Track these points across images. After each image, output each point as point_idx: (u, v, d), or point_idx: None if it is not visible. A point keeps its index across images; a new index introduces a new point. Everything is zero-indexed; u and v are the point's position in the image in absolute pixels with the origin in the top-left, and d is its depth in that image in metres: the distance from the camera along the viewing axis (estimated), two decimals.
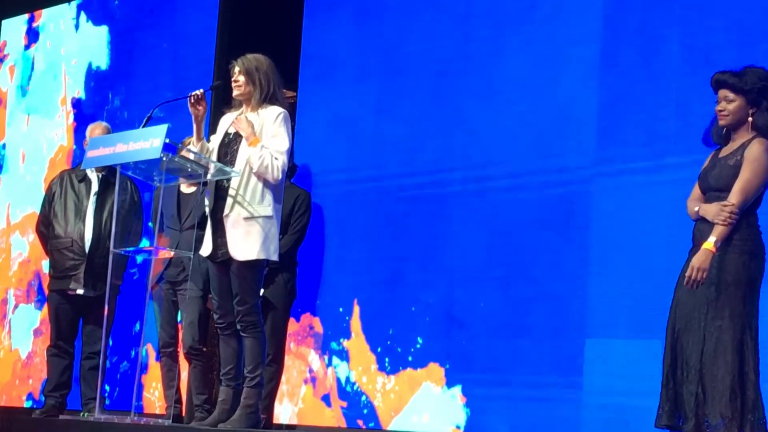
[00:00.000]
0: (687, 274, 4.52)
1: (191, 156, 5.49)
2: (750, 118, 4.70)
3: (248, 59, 5.54)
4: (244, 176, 5.37)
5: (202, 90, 5.52)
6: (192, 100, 5.50)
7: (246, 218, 5.36)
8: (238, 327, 5.44)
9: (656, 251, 5.75)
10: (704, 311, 4.54)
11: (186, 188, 6.57)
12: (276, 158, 5.37)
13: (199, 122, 5.53)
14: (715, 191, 4.66)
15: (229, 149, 5.50)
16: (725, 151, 4.74)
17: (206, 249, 5.49)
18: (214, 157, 5.51)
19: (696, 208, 4.68)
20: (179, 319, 6.62)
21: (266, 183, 5.39)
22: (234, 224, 5.37)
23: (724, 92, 4.71)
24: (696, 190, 4.80)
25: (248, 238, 5.35)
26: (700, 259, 4.50)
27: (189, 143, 5.78)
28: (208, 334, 6.58)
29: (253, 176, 5.38)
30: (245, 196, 5.37)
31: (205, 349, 6.48)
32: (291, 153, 5.90)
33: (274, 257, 5.47)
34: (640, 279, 5.82)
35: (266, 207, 5.39)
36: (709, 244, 4.51)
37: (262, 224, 5.37)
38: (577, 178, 6.21)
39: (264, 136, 5.41)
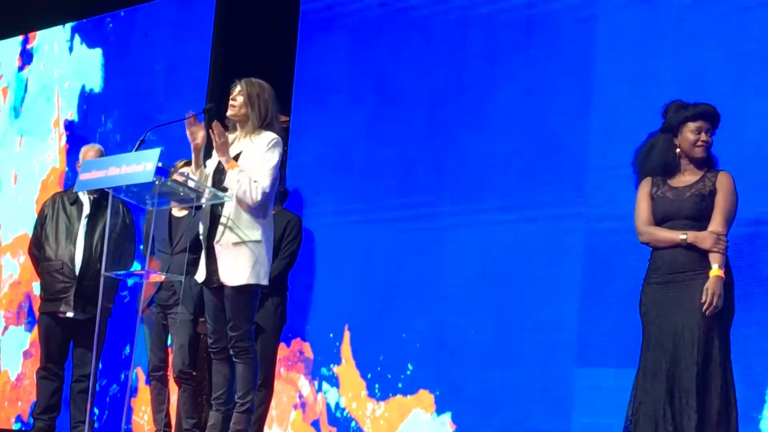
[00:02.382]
0: (709, 302, 4.66)
1: (183, 179, 5.48)
2: None
3: (252, 83, 5.53)
4: (233, 201, 5.36)
5: (193, 113, 5.51)
6: (187, 126, 5.49)
7: (235, 243, 5.34)
8: (231, 352, 5.41)
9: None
10: (696, 335, 4.67)
11: (177, 212, 6.57)
12: (255, 181, 5.34)
13: (197, 151, 5.52)
14: (684, 219, 4.82)
15: (222, 175, 5.47)
16: (680, 182, 4.91)
17: (201, 275, 5.47)
18: (209, 182, 5.50)
19: (683, 236, 4.77)
20: (169, 342, 6.61)
21: (254, 207, 5.37)
22: (224, 250, 5.35)
23: (706, 125, 4.89)
24: (647, 215, 4.90)
25: (237, 263, 5.33)
26: (717, 286, 4.68)
27: (180, 166, 5.78)
28: (198, 358, 6.56)
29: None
30: (234, 221, 5.35)
31: (195, 373, 6.46)
32: (282, 178, 5.89)
33: (264, 281, 5.42)
34: (631, 308, 5.82)
35: (255, 231, 5.36)
36: (719, 271, 4.71)
37: (251, 249, 5.34)
38: (567, 215, 6.24)
39: (257, 161, 5.40)
